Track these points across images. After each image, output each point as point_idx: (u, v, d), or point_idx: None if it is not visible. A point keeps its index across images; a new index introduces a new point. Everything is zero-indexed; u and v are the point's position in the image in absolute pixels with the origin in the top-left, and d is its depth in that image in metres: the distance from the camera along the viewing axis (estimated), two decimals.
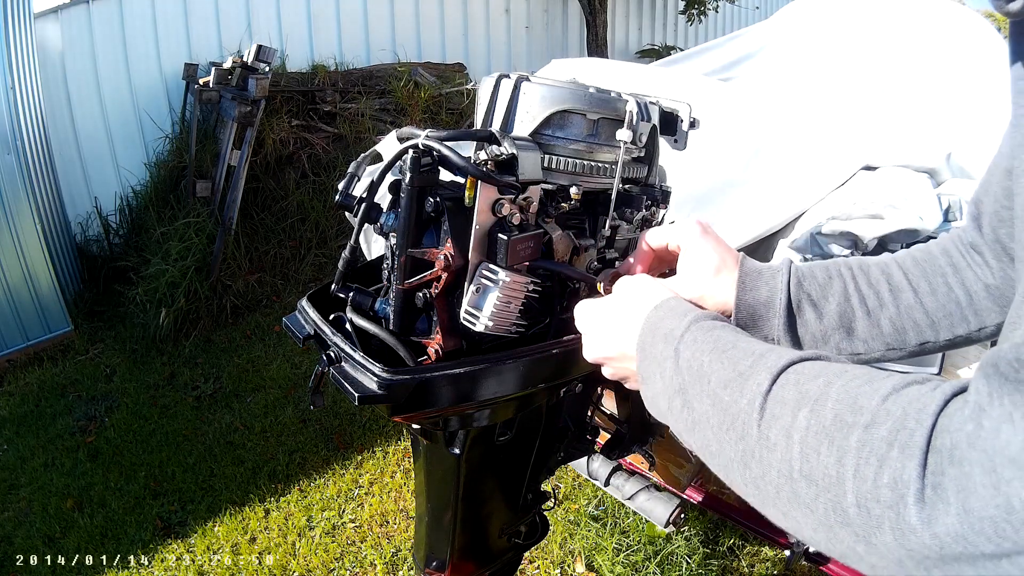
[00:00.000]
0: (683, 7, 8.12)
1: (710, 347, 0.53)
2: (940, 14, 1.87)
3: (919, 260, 0.73)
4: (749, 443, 0.47)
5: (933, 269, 0.72)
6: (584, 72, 2.03)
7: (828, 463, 0.41)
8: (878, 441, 0.39)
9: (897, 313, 0.71)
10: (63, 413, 3.12)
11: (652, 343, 0.59)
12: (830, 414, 0.43)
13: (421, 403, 0.67)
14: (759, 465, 0.46)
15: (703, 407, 0.51)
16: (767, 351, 0.51)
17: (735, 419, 0.48)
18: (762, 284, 0.70)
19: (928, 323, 0.71)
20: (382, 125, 4.67)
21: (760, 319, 0.69)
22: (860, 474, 0.39)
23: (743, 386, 0.49)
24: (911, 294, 0.71)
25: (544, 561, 2.11)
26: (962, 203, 1.40)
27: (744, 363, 0.50)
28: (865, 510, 0.39)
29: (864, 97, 1.77)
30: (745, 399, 0.48)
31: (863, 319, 0.70)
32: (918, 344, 0.71)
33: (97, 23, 4.38)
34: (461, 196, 0.67)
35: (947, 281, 0.71)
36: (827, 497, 0.41)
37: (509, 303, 0.66)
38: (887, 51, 1.87)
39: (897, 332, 0.71)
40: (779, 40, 2.21)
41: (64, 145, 4.40)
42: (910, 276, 0.72)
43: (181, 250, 3.79)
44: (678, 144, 0.79)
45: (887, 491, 0.38)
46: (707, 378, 0.52)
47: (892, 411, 0.40)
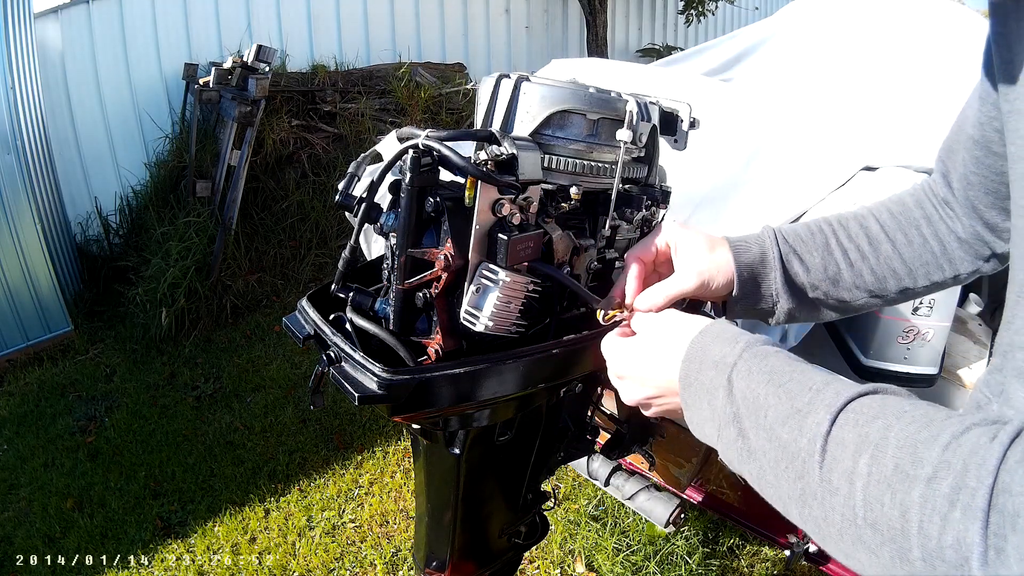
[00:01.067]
0: (682, 7, 8.13)
1: (766, 378, 0.53)
2: (939, 14, 1.88)
3: (895, 212, 0.77)
4: (810, 484, 0.47)
5: (908, 221, 0.77)
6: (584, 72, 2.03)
7: (892, 515, 0.41)
8: (940, 499, 0.39)
9: (877, 263, 0.75)
10: (63, 413, 3.13)
11: (700, 370, 0.58)
12: (891, 463, 0.42)
13: (421, 403, 0.67)
14: (821, 507, 0.46)
15: (759, 441, 0.51)
16: (824, 385, 0.50)
17: (794, 458, 0.48)
18: (752, 246, 0.74)
19: (906, 271, 0.75)
20: (382, 125, 4.67)
21: (760, 276, 0.74)
22: (924, 531, 0.39)
23: (802, 424, 0.48)
24: (889, 245, 0.75)
25: (544, 561, 2.11)
26: None
27: (802, 398, 0.50)
28: (931, 565, 0.39)
29: (864, 97, 1.77)
30: (805, 439, 0.48)
31: (847, 270, 0.75)
32: (898, 291, 0.76)
33: (97, 23, 4.38)
34: (461, 196, 0.67)
35: (922, 232, 0.76)
36: (892, 547, 0.41)
37: (509, 303, 0.66)
38: (887, 51, 1.87)
39: (878, 280, 0.76)
40: (779, 40, 2.21)
41: (64, 145, 4.40)
42: (887, 228, 0.76)
43: (181, 250, 3.79)
44: (678, 144, 0.79)
45: (951, 552, 0.38)
46: (763, 411, 0.51)
47: (953, 464, 0.40)
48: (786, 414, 0.50)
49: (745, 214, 1.51)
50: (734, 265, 0.72)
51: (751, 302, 0.75)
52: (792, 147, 1.59)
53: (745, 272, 0.73)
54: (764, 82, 2.08)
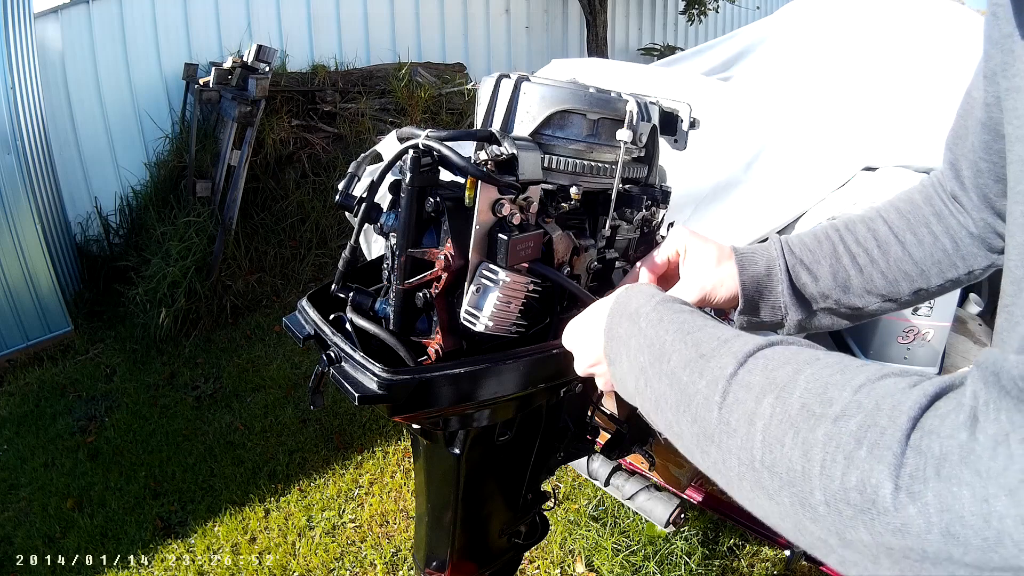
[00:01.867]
0: (683, 7, 8.13)
1: (675, 327, 0.52)
2: (939, 14, 1.88)
3: (903, 211, 0.75)
4: (707, 427, 0.45)
5: (917, 219, 0.74)
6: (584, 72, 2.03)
7: (792, 456, 0.38)
8: (846, 436, 0.36)
9: (888, 266, 0.73)
10: (63, 413, 3.12)
11: (618, 323, 0.58)
12: (797, 403, 0.40)
13: (421, 403, 0.67)
14: (718, 450, 0.44)
15: (662, 387, 0.50)
16: (734, 336, 0.48)
17: (691, 400, 0.46)
18: (759, 258, 0.73)
19: (919, 272, 0.73)
20: (382, 125, 4.67)
21: (765, 289, 0.73)
22: (827, 472, 0.36)
23: (703, 368, 0.47)
24: (899, 247, 0.73)
25: (544, 561, 2.11)
26: None
27: (707, 345, 0.48)
28: (835, 510, 0.36)
29: (864, 97, 1.77)
30: (704, 381, 0.46)
31: (856, 276, 0.73)
32: (912, 292, 0.73)
33: (97, 23, 4.38)
34: (461, 196, 0.67)
35: (932, 230, 0.73)
36: (792, 491, 0.38)
37: (509, 303, 0.66)
38: (887, 51, 1.87)
39: (890, 284, 0.73)
40: (779, 40, 2.21)
41: (64, 145, 4.40)
42: (895, 229, 0.74)
43: (181, 250, 3.79)
44: (678, 144, 0.79)
45: (855, 494, 0.35)
46: (667, 357, 0.50)
47: (864, 404, 0.37)
48: (689, 359, 0.48)
49: (745, 214, 1.51)
50: (738, 279, 0.72)
51: (758, 315, 0.74)
52: (792, 147, 1.59)
53: (750, 286, 0.72)
54: (764, 82, 2.08)
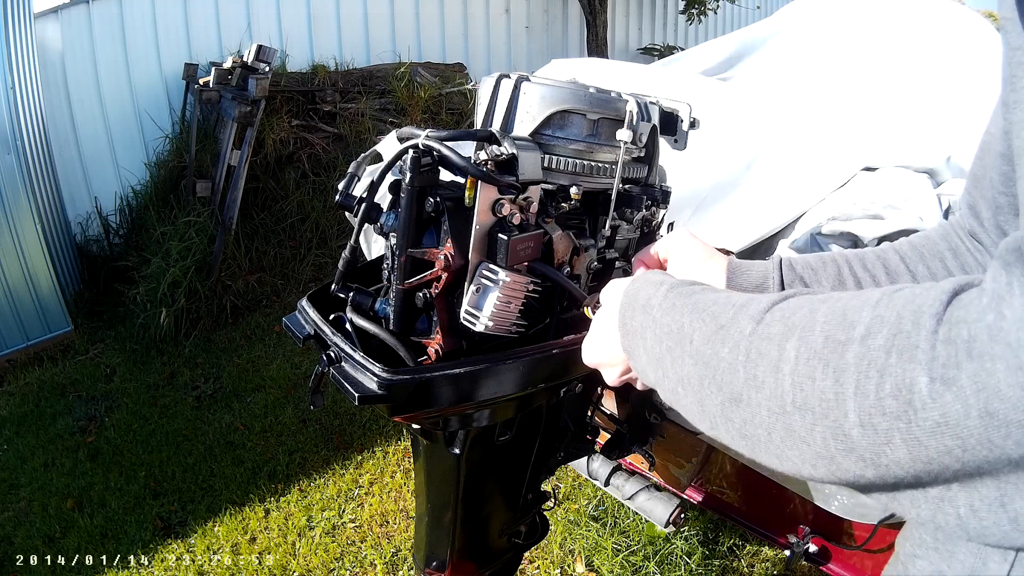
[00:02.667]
0: (683, 7, 8.13)
1: (689, 309, 0.51)
2: (940, 14, 1.87)
3: (917, 245, 0.72)
4: (734, 388, 0.43)
5: (932, 253, 0.71)
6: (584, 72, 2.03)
7: (825, 387, 0.37)
8: (876, 351, 0.35)
9: None
10: (63, 413, 3.12)
11: (631, 317, 0.57)
12: (820, 337, 0.39)
13: (421, 403, 0.67)
14: (747, 408, 0.43)
15: (685, 368, 0.49)
16: (748, 300, 0.47)
17: (715, 370, 0.45)
18: (754, 270, 0.70)
19: None
20: (382, 125, 4.67)
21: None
22: (861, 390, 0.35)
23: (724, 336, 0.46)
24: (909, 278, 0.70)
25: (544, 561, 2.11)
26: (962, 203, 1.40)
27: (725, 315, 0.47)
28: (871, 428, 0.35)
29: (864, 97, 1.77)
30: (727, 348, 0.45)
31: None
32: None
33: (97, 23, 4.38)
34: (461, 196, 0.67)
35: (946, 265, 0.69)
36: (825, 424, 0.37)
37: (509, 303, 0.66)
38: (887, 51, 1.87)
39: None
40: (779, 40, 2.21)
41: (64, 145, 4.40)
42: (908, 261, 0.71)
43: (181, 250, 3.79)
44: (678, 144, 0.79)
45: (891, 401, 0.34)
46: (688, 338, 0.49)
47: (886, 317, 0.36)
48: (709, 333, 0.47)
49: (745, 214, 1.51)
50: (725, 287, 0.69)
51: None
52: (792, 147, 1.59)
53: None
54: (764, 82, 2.08)
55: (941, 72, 1.73)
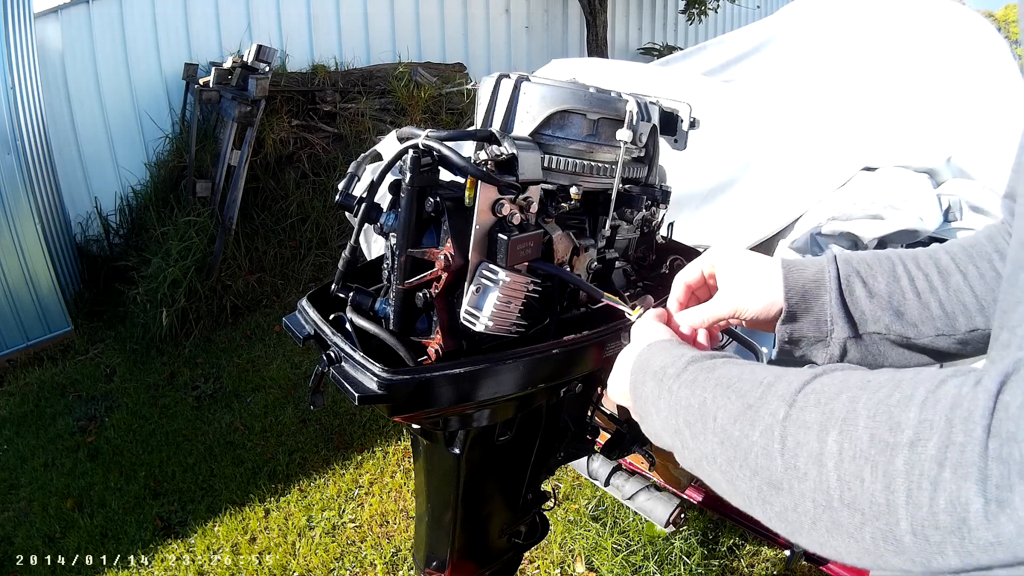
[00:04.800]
0: (683, 7, 8.13)
1: (713, 384, 0.51)
2: (940, 14, 1.87)
3: (965, 246, 0.72)
4: (772, 475, 0.43)
5: (980, 254, 0.70)
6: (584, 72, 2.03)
7: (875, 490, 0.37)
8: (927, 462, 0.35)
9: (947, 296, 0.68)
10: (63, 413, 3.12)
11: (642, 382, 0.58)
12: (864, 435, 0.38)
13: (421, 403, 0.67)
14: (789, 496, 0.42)
15: (709, 445, 0.49)
16: (775, 378, 0.47)
17: (747, 453, 0.45)
18: (809, 265, 0.69)
19: (977, 307, 0.68)
20: (382, 125, 4.67)
21: (811, 297, 0.68)
22: (913, 500, 0.35)
23: (754, 419, 0.45)
24: (960, 277, 0.69)
25: (544, 561, 2.11)
26: (962, 203, 1.40)
27: (752, 394, 0.47)
28: (923, 537, 0.35)
29: (864, 98, 1.77)
30: (757, 432, 0.45)
31: (913, 300, 0.68)
32: (968, 330, 0.69)
33: (97, 23, 4.38)
34: (461, 196, 0.67)
35: (994, 266, 0.69)
36: (876, 525, 0.37)
37: (509, 303, 0.66)
38: (887, 51, 1.87)
39: (947, 316, 0.68)
40: (779, 40, 2.21)
41: (64, 145, 4.40)
42: (958, 260, 0.70)
43: (181, 250, 3.79)
44: (678, 144, 0.79)
45: (945, 516, 0.34)
46: (712, 415, 0.49)
47: (935, 423, 0.36)
48: (736, 413, 0.47)
49: (745, 214, 1.51)
50: (783, 285, 0.68)
51: (801, 327, 0.69)
52: (792, 147, 1.59)
53: (795, 293, 0.68)
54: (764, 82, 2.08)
55: (941, 72, 1.72)
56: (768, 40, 2.25)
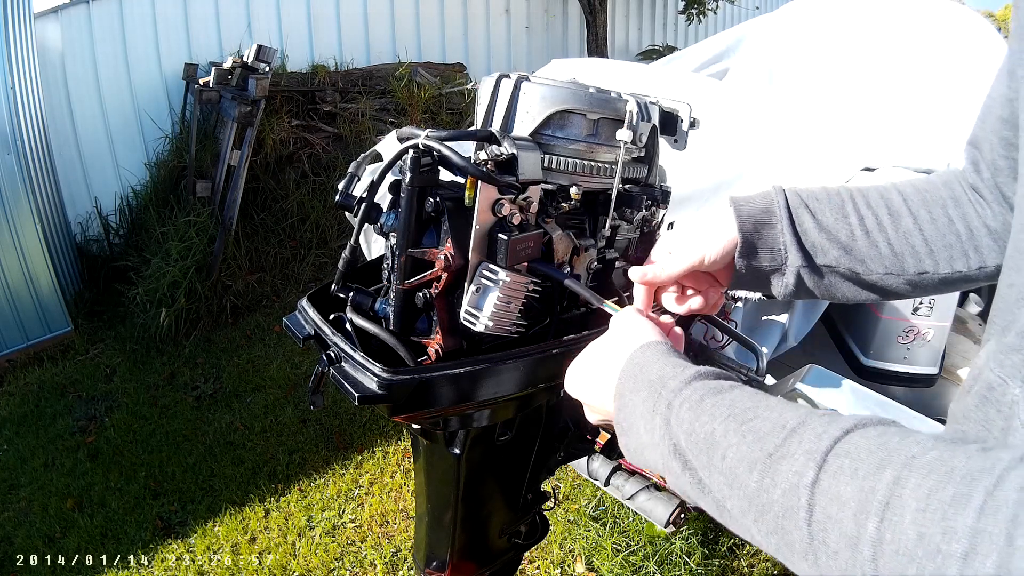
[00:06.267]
0: (683, 7, 8.13)
1: (724, 413, 0.46)
2: (940, 15, 1.87)
3: (919, 188, 0.71)
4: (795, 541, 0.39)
5: (934, 198, 0.70)
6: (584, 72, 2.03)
7: None
8: None
9: (896, 237, 0.69)
10: (63, 413, 3.12)
11: (633, 390, 0.53)
12: (912, 531, 0.34)
13: (421, 403, 0.67)
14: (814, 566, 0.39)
15: (717, 484, 0.45)
16: (799, 424, 0.42)
17: (765, 510, 0.41)
18: (757, 198, 0.70)
19: (927, 251, 0.69)
20: (382, 125, 4.67)
21: (763, 226, 0.68)
22: None
23: (775, 473, 0.41)
24: (910, 220, 0.69)
25: (544, 561, 2.11)
26: None
27: (772, 440, 0.42)
28: None
29: (864, 98, 1.77)
30: (779, 490, 0.40)
31: (862, 238, 0.69)
32: (916, 273, 0.69)
33: (97, 23, 4.38)
34: (461, 196, 0.67)
35: (947, 212, 0.69)
36: None
37: (509, 303, 0.66)
38: (887, 52, 1.87)
39: (896, 256, 0.69)
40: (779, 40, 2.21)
41: (64, 145, 4.40)
42: (910, 203, 0.70)
43: (181, 250, 3.79)
44: (678, 144, 0.79)
45: None
46: (721, 452, 0.44)
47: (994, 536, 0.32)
48: (752, 458, 0.42)
49: None
50: (735, 220, 0.68)
51: (757, 259, 0.69)
52: (792, 147, 1.59)
53: (748, 224, 0.68)
54: (764, 82, 2.08)
55: (941, 72, 1.73)
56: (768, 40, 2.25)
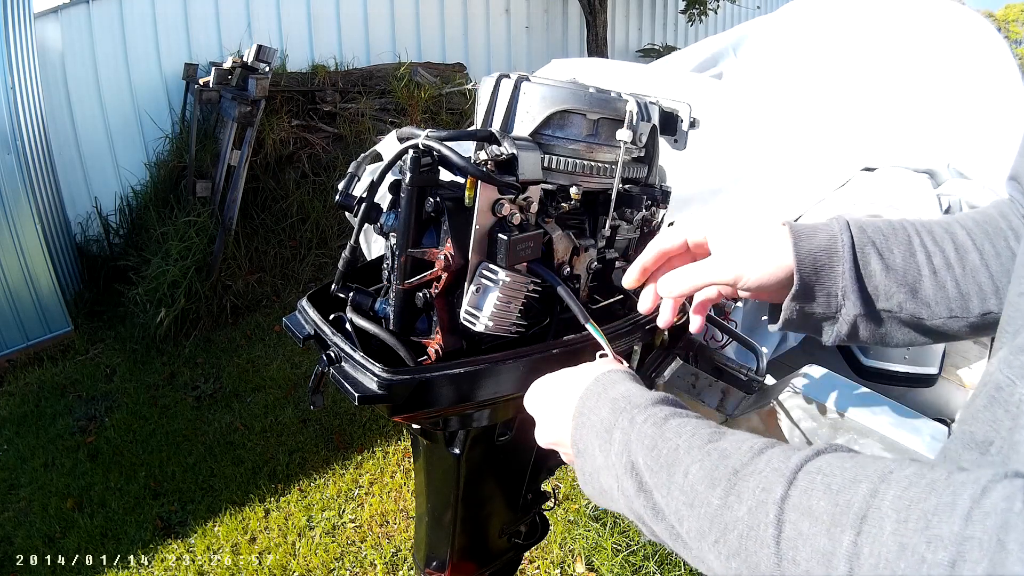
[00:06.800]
0: (684, 7, 8.13)
1: (689, 431, 0.44)
2: (940, 14, 1.87)
3: (980, 222, 0.66)
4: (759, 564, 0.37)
5: (995, 231, 0.65)
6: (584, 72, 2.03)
7: None
8: None
9: (963, 274, 0.63)
10: (63, 413, 3.12)
11: (594, 408, 0.50)
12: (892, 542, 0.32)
13: (421, 403, 0.67)
14: None
15: (674, 504, 0.42)
16: (766, 446, 0.41)
17: (727, 530, 0.39)
18: (820, 231, 0.61)
19: (993, 289, 0.63)
20: (382, 125, 4.67)
21: (823, 268, 0.60)
22: None
23: (741, 490, 0.39)
24: (976, 255, 0.63)
25: (544, 561, 2.11)
26: (962, 203, 1.40)
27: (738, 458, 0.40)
28: None
29: (863, 97, 1.77)
30: (745, 507, 0.38)
31: (929, 278, 0.62)
32: (981, 314, 0.63)
33: (97, 23, 4.39)
34: (461, 196, 0.67)
35: (1009, 244, 0.64)
36: None
37: (509, 303, 0.66)
38: (887, 51, 1.87)
39: (962, 296, 0.63)
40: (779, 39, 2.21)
41: (64, 145, 4.40)
42: (974, 236, 0.64)
43: (181, 250, 3.79)
44: (678, 144, 0.79)
45: None
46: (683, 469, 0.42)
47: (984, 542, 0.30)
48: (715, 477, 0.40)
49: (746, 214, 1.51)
50: (793, 252, 0.60)
51: (812, 305, 0.61)
52: (792, 147, 1.59)
53: (806, 262, 0.59)
54: (764, 82, 2.08)
55: (941, 72, 1.72)
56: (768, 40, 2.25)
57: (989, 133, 1.48)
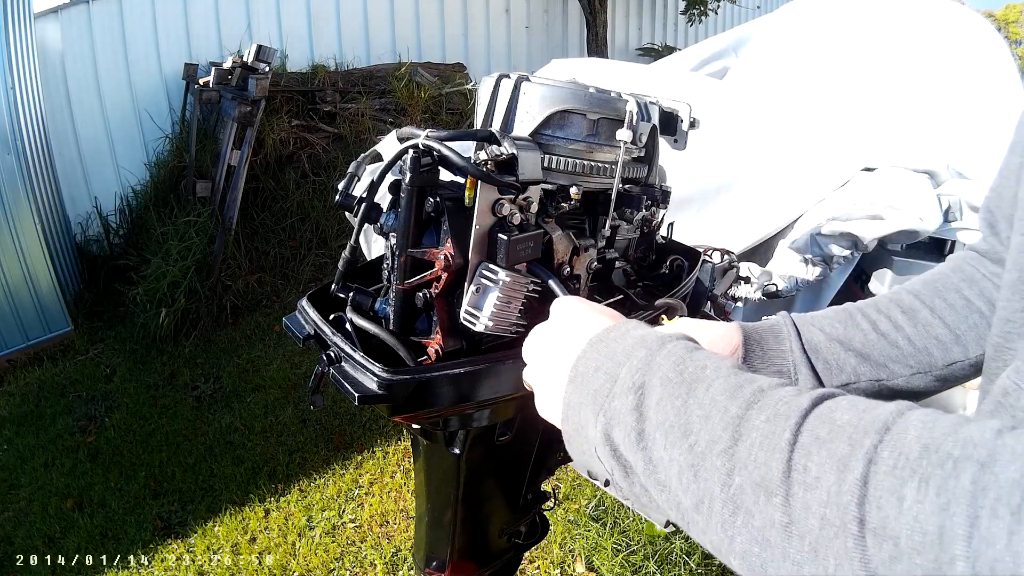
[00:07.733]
0: (684, 7, 8.13)
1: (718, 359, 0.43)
2: (940, 15, 1.87)
3: (928, 282, 0.68)
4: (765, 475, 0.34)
5: (946, 286, 0.66)
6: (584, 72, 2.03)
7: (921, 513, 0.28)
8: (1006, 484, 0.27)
9: (915, 332, 0.64)
10: (63, 413, 3.12)
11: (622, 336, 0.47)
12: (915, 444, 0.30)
13: (421, 403, 0.67)
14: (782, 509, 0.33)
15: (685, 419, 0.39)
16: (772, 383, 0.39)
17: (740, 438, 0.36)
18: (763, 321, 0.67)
19: (952, 338, 0.63)
20: (382, 125, 4.67)
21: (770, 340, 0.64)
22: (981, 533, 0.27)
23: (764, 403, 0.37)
24: (927, 312, 0.64)
25: (544, 561, 2.11)
26: (962, 203, 1.40)
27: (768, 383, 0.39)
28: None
29: (864, 98, 1.77)
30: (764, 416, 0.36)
31: (878, 341, 0.63)
32: (945, 364, 0.63)
33: (97, 23, 4.39)
34: (461, 196, 0.67)
35: (963, 295, 0.65)
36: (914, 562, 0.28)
37: (509, 303, 0.66)
38: (887, 52, 1.87)
39: (919, 353, 0.63)
40: (779, 39, 2.21)
41: (64, 145, 4.40)
42: (922, 296, 0.66)
43: (181, 250, 3.79)
44: (678, 144, 0.79)
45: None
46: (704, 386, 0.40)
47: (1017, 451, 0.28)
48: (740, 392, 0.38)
49: (745, 214, 1.51)
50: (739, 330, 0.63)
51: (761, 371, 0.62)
52: (792, 147, 1.59)
53: (752, 336, 0.63)
54: (764, 83, 2.08)
55: (941, 73, 1.72)
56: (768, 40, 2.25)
57: (989, 133, 1.48)
